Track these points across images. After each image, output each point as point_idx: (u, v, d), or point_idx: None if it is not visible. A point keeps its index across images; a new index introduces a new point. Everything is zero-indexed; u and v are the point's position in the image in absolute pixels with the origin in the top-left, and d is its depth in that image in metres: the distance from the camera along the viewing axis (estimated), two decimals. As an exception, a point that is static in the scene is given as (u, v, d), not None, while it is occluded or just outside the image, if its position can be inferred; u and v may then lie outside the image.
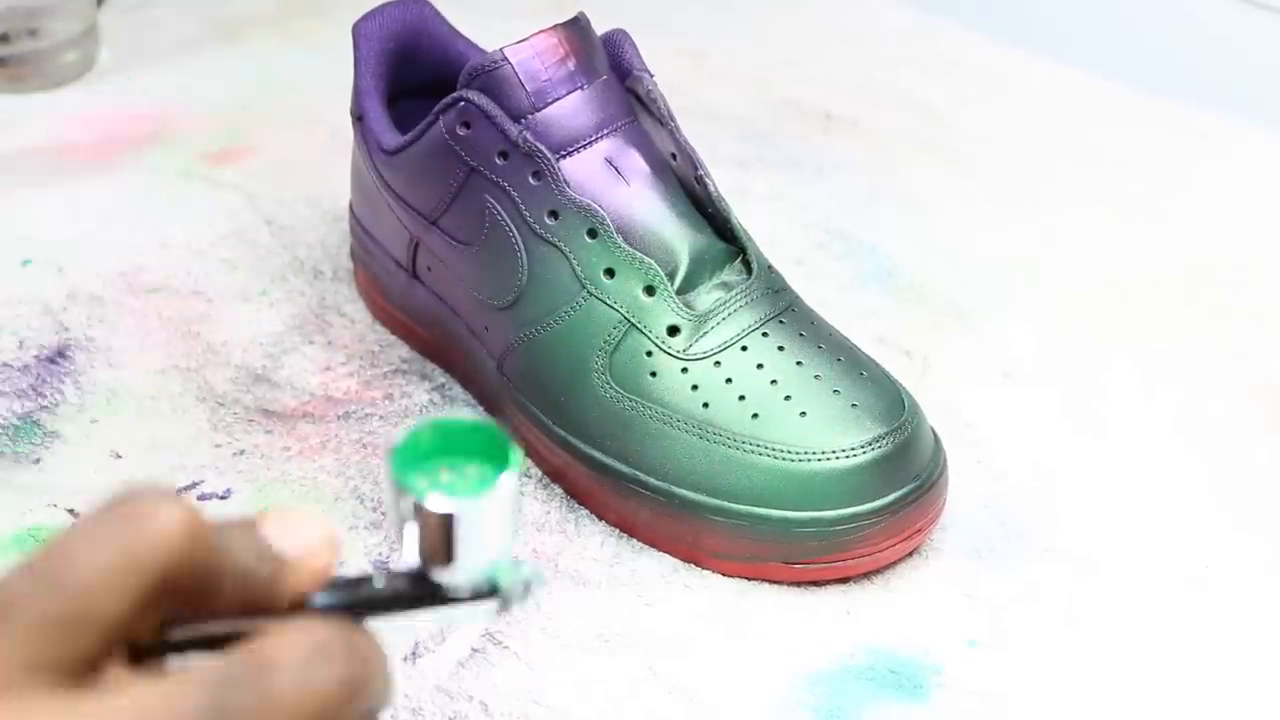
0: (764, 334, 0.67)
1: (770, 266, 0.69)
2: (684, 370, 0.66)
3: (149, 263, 0.82)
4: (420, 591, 0.40)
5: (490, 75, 0.68)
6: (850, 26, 1.04)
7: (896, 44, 1.03)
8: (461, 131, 0.69)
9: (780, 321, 0.68)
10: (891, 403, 0.66)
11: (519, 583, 0.40)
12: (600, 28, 0.72)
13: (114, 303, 0.79)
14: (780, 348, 0.67)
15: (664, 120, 0.70)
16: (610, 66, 0.71)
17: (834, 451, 0.64)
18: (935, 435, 0.68)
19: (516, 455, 0.38)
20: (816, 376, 0.66)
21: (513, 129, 0.68)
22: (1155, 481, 0.72)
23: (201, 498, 0.69)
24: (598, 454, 0.67)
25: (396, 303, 0.76)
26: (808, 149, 0.92)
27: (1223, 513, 0.70)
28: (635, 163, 0.69)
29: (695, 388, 0.66)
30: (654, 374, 0.67)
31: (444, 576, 0.39)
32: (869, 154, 0.92)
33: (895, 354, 0.78)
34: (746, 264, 0.69)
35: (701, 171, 0.70)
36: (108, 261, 0.81)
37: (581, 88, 0.69)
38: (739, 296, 0.67)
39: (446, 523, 0.38)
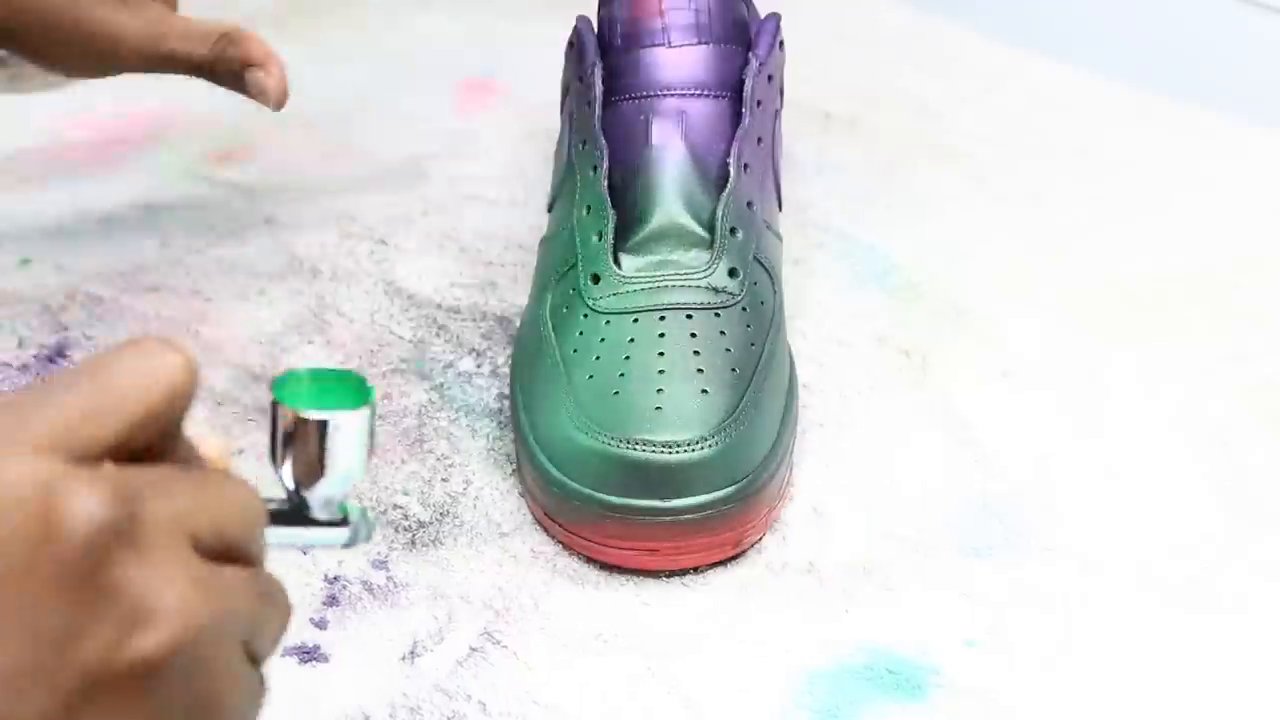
0: (660, 317, 0.68)
1: (747, 276, 0.69)
2: (584, 316, 0.68)
3: (149, 262, 0.82)
4: (288, 508, 0.46)
5: (608, 6, 0.74)
6: (848, 26, 1.04)
7: (895, 43, 1.03)
8: (569, 49, 0.75)
9: (688, 316, 0.68)
10: (721, 415, 0.65)
11: (364, 520, 0.47)
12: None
13: (113, 302, 0.79)
14: (685, 334, 0.67)
15: (747, 102, 0.72)
16: (739, 39, 0.74)
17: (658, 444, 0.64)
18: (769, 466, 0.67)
19: (373, 393, 0.45)
20: (699, 371, 0.66)
21: (588, 62, 0.73)
22: (1155, 481, 0.72)
23: (200, 497, 0.69)
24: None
25: None
26: (806, 148, 0.92)
27: (1223, 513, 0.70)
28: (667, 130, 0.71)
29: (581, 334, 0.68)
30: (566, 309, 0.69)
31: (311, 494, 0.45)
32: (867, 153, 0.92)
33: (894, 354, 0.78)
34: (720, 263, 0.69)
35: (745, 161, 0.71)
36: (107, 261, 0.81)
37: (664, 45, 0.72)
38: (670, 278, 0.68)
39: (321, 430, 0.44)
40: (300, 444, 0.45)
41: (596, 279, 0.69)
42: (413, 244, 0.83)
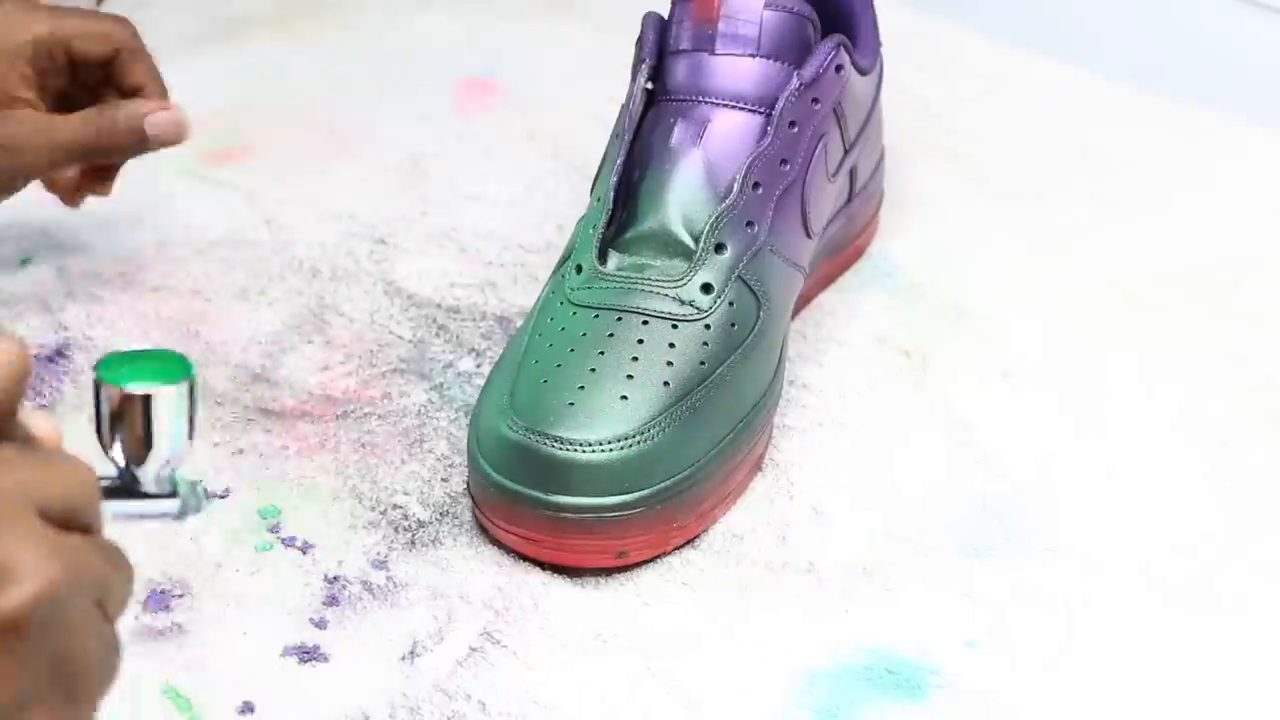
0: (618, 318, 0.68)
1: (723, 295, 0.68)
2: (560, 304, 0.69)
3: (148, 262, 0.82)
4: (120, 484, 0.49)
5: (679, 6, 0.73)
6: (850, 26, 1.04)
7: (895, 43, 1.03)
8: (636, 43, 0.74)
9: (643, 322, 0.68)
10: (630, 426, 0.65)
11: (194, 492, 0.49)
12: (600, 29, 0.73)
13: (113, 302, 0.79)
14: (633, 340, 0.67)
15: (775, 120, 0.71)
16: (795, 60, 0.72)
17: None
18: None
19: (193, 368, 0.48)
20: (629, 377, 0.66)
21: (638, 58, 0.73)
22: (1155, 481, 0.72)
23: (200, 497, 0.69)
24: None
25: None
26: (807, 149, 0.92)
27: (1223, 513, 0.70)
28: (686, 136, 0.71)
29: (551, 320, 0.68)
30: (552, 294, 0.70)
31: (140, 469, 0.48)
32: (869, 154, 0.92)
33: (894, 354, 0.78)
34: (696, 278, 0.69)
35: (755, 179, 0.70)
36: (107, 261, 0.81)
37: (708, 51, 0.72)
38: (644, 282, 0.68)
39: (146, 405, 0.47)
40: (127, 420, 0.48)
41: (579, 270, 0.70)
42: (413, 244, 0.83)
